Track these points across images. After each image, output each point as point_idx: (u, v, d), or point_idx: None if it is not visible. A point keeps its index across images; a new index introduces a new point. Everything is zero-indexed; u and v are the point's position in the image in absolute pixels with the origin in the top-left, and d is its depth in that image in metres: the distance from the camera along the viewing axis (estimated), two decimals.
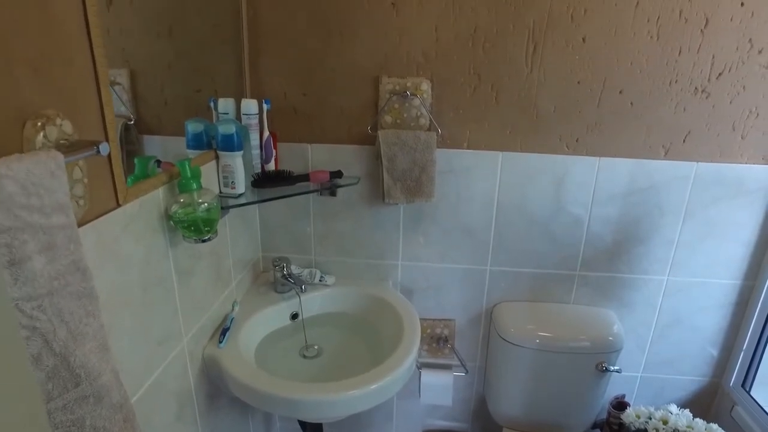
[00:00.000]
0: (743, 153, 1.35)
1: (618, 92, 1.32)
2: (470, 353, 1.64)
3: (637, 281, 1.50)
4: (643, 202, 1.42)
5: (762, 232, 1.42)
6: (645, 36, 1.28)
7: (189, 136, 1.14)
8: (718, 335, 1.56)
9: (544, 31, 1.28)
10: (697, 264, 1.47)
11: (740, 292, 1.49)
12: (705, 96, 1.31)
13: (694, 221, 1.43)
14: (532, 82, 1.32)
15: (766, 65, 1.27)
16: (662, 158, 1.37)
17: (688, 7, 1.25)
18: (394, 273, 1.53)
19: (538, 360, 1.44)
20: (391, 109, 1.34)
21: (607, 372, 1.44)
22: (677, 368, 1.62)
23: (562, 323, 1.47)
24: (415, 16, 1.28)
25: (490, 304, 1.56)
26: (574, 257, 1.49)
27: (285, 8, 1.29)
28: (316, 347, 1.36)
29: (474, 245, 1.49)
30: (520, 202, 1.43)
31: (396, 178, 1.35)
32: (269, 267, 1.49)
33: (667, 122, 1.34)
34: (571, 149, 1.37)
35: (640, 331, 1.57)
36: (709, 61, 1.28)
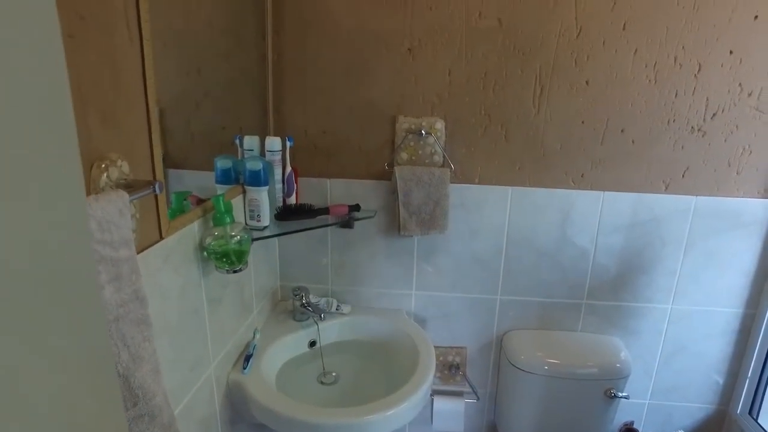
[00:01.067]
0: (739, 188, 1.43)
1: (620, 131, 1.41)
2: (481, 380, 1.68)
3: (642, 309, 1.56)
4: (645, 234, 1.49)
5: (760, 262, 1.48)
6: (643, 80, 1.37)
7: (218, 172, 1.22)
8: (723, 363, 1.60)
9: (550, 75, 1.37)
10: (699, 293, 1.53)
11: (742, 320, 1.55)
12: (701, 134, 1.40)
13: (695, 252, 1.49)
14: (540, 122, 1.41)
15: (755, 106, 1.36)
16: (663, 192, 1.45)
17: (682, 54, 1.34)
18: (407, 302, 1.59)
19: (547, 386, 1.48)
20: (407, 146, 1.43)
21: (615, 398, 1.48)
22: (684, 395, 1.66)
23: (570, 350, 1.52)
24: (430, 60, 1.38)
25: (500, 332, 1.61)
26: (581, 287, 1.55)
27: (307, 52, 1.39)
28: (333, 374, 1.41)
29: (484, 275, 1.55)
30: (529, 234, 1.50)
31: (411, 211, 1.42)
32: (287, 296, 1.55)
33: (666, 159, 1.42)
34: (576, 184, 1.45)
35: (647, 359, 1.62)
36: (704, 102, 1.37)
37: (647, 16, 1.32)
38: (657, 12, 1.32)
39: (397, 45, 1.38)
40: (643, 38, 1.34)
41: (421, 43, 1.37)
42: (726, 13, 1.31)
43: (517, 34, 1.35)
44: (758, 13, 1.30)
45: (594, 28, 1.34)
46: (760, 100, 1.36)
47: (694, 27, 1.32)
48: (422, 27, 1.36)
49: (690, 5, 1.31)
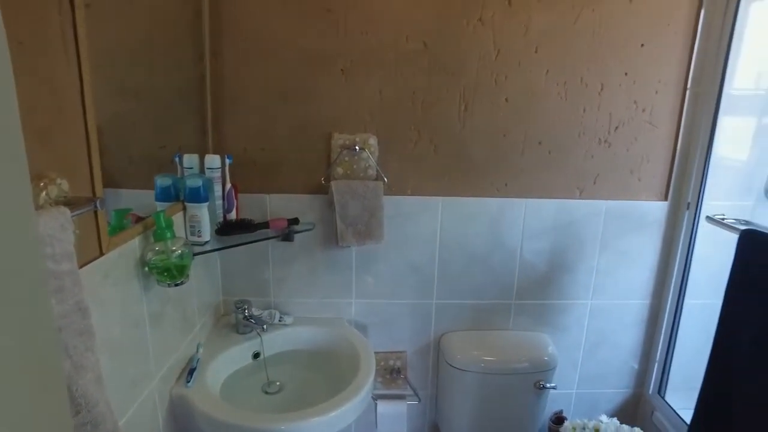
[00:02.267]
0: (641, 192, 1.61)
1: (538, 143, 1.55)
2: (422, 382, 1.76)
3: (566, 306, 1.70)
4: (565, 237, 1.63)
5: (661, 257, 1.67)
6: (556, 97, 1.52)
7: (158, 190, 1.24)
8: (637, 350, 1.77)
9: (472, 93, 1.50)
10: (614, 288, 1.69)
11: (650, 310, 1.72)
12: (607, 145, 1.56)
13: (609, 251, 1.65)
14: (465, 136, 1.53)
15: (649, 121, 1.54)
16: (578, 198, 1.60)
17: (587, 75, 1.51)
18: (348, 310, 1.65)
19: (483, 383, 1.58)
20: (342, 161, 1.50)
21: (544, 389, 1.60)
22: (606, 382, 1.81)
23: (503, 348, 1.63)
24: (362, 80, 1.47)
25: (437, 334, 1.70)
26: (510, 288, 1.67)
27: (246, 73, 1.44)
28: (278, 383, 1.44)
29: (420, 281, 1.64)
30: (460, 240, 1.61)
31: (348, 223, 1.49)
32: (230, 310, 1.57)
33: (579, 167, 1.58)
34: (501, 192, 1.58)
35: (572, 351, 1.76)
36: (608, 117, 1.54)
37: (555, 41, 1.48)
38: (563, 38, 1.48)
39: (332, 66, 1.46)
40: (554, 60, 1.49)
41: (354, 64, 1.46)
42: (619, 41, 1.49)
43: (442, 56, 1.47)
44: (644, 42, 1.49)
45: (510, 51, 1.48)
46: (652, 115, 1.54)
47: (594, 52, 1.49)
48: (355, 49, 1.45)
49: (589, 33, 1.47)
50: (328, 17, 1.43)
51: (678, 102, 1.55)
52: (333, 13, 1.43)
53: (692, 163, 1.57)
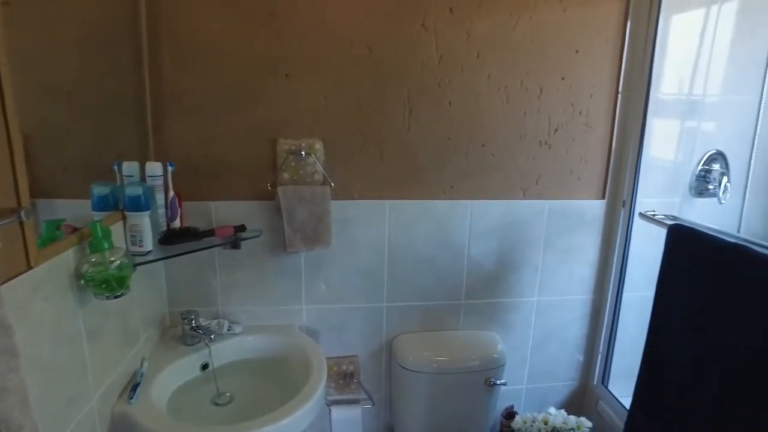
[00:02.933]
0: (581, 191, 1.68)
1: (481, 146, 1.59)
2: (375, 385, 1.76)
3: (514, 304, 1.75)
4: (511, 236, 1.68)
5: (601, 253, 1.74)
6: (498, 100, 1.56)
7: (95, 199, 1.19)
8: (582, 343, 1.84)
9: (417, 97, 1.52)
10: (559, 284, 1.75)
11: (592, 304, 1.80)
12: (548, 147, 1.62)
13: (552, 249, 1.71)
14: (411, 140, 1.55)
15: (585, 123, 1.61)
16: (522, 198, 1.65)
17: (527, 79, 1.56)
18: (299, 317, 1.63)
19: (435, 383, 1.60)
20: (288, 167, 1.49)
21: (495, 386, 1.63)
22: (554, 376, 1.87)
23: (453, 347, 1.66)
24: (307, 85, 1.46)
25: (389, 337, 1.71)
26: (459, 288, 1.70)
27: (188, 79, 1.41)
28: (228, 394, 1.41)
29: (370, 285, 1.64)
30: (408, 243, 1.63)
31: (296, 229, 1.48)
32: (177, 322, 1.52)
33: (522, 169, 1.63)
34: (447, 195, 1.61)
35: (521, 348, 1.81)
36: (547, 120, 1.60)
37: (496, 47, 1.52)
38: (503, 43, 1.52)
39: (276, 71, 1.45)
40: (494, 65, 1.54)
41: (298, 69, 1.45)
42: (555, 48, 1.55)
43: (386, 61, 1.48)
44: (578, 48, 1.56)
45: (453, 56, 1.51)
46: (588, 117, 1.62)
47: (533, 57, 1.54)
48: (300, 54, 1.44)
49: (528, 39, 1.53)
50: (272, 22, 1.42)
51: (611, 105, 1.63)
52: (277, 17, 1.42)
53: (626, 162, 1.66)
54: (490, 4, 1.49)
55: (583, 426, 1.64)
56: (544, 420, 1.66)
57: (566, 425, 1.64)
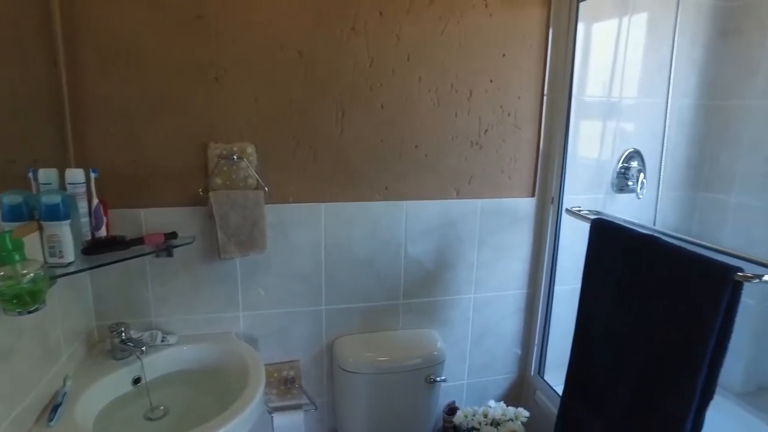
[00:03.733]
0: (512, 190, 1.74)
1: (414, 147, 1.62)
2: (317, 390, 1.75)
3: (451, 301, 1.79)
4: (446, 235, 1.71)
5: (533, 249, 1.81)
6: (429, 102, 1.60)
7: (5, 209, 1.12)
8: (518, 336, 1.91)
9: (349, 100, 1.53)
10: (494, 280, 1.81)
11: (527, 299, 1.86)
12: (479, 147, 1.67)
13: (487, 246, 1.76)
14: (344, 142, 1.55)
15: (514, 123, 1.68)
16: (455, 198, 1.69)
17: (457, 81, 1.60)
18: (236, 324, 1.60)
19: (376, 383, 1.61)
20: (220, 171, 1.46)
21: (435, 383, 1.66)
22: (493, 370, 1.92)
23: (393, 347, 1.67)
24: (237, 88, 1.44)
25: (329, 340, 1.71)
26: (397, 288, 1.72)
27: (110, 82, 1.35)
28: (162, 408, 1.36)
29: (308, 288, 1.64)
30: (345, 245, 1.63)
31: (229, 234, 1.45)
32: (105, 336, 1.46)
33: (455, 169, 1.67)
34: (382, 196, 1.63)
35: (460, 344, 1.85)
36: (477, 121, 1.65)
37: (426, 51, 1.56)
38: (432, 47, 1.56)
39: (205, 74, 1.42)
40: (425, 68, 1.57)
41: (228, 72, 1.43)
42: (483, 51, 1.60)
43: (317, 64, 1.49)
44: (505, 52, 1.62)
45: (383, 59, 1.53)
46: (517, 119, 1.68)
47: (462, 60, 1.59)
48: (228, 57, 1.42)
49: (456, 43, 1.57)
50: (199, 24, 1.39)
51: (537, 106, 1.70)
52: (204, 19, 1.39)
53: (553, 161, 1.73)
54: (418, 8, 1.52)
55: (520, 416, 1.70)
56: (483, 413, 1.71)
57: (505, 416, 1.70)
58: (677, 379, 1.13)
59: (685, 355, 1.12)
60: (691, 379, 1.09)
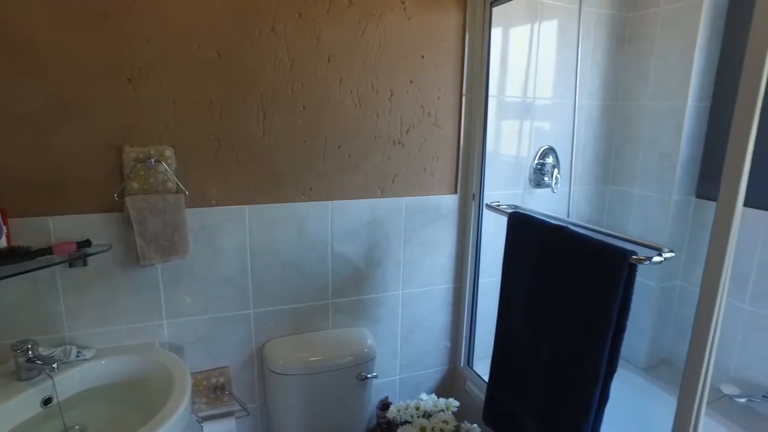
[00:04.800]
0: (434, 187, 1.80)
1: (337, 147, 1.64)
2: (249, 395, 1.73)
3: (380, 299, 1.82)
4: (372, 234, 1.75)
5: (458, 244, 1.88)
6: (351, 103, 1.62)
7: None
8: (447, 330, 1.97)
9: (270, 101, 1.52)
10: (421, 276, 1.86)
11: (453, 293, 1.93)
12: (401, 146, 1.72)
13: (412, 243, 1.81)
14: (266, 144, 1.55)
15: (434, 123, 1.74)
16: (380, 197, 1.73)
17: (377, 82, 1.64)
18: (160, 333, 1.55)
19: (309, 383, 1.61)
20: (137, 175, 1.41)
21: (366, 379, 1.68)
22: (425, 364, 1.98)
23: (324, 346, 1.68)
24: (153, 89, 1.39)
25: (259, 343, 1.69)
26: (325, 288, 1.73)
27: (8, 84, 1.27)
28: (77, 427, 1.30)
29: (235, 292, 1.61)
30: (271, 247, 1.62)
31: (149, 240, 1.41)
32: (8, 356, 1.36)
33: (378, 168, 1.70)
34: (307, 197, 1.63)
35: (391, 341, 1.88)
36: (399, 121, 1.69)
37: (346, 52, 1.58)
38: (352, 49, 1.58)
39: (116, 74, 1.36)
40: (345, 69, 1.59)
41: (141, 72, 1.38)
42: (402, 53, 1.65)
43: (237, 65, 1.47)
44: (424, 54, 1.68)
45: (304, 60, 1.54)
46: (437, 118, 1.74)
47: (382, 62, 1.63)
48: (141, 57, 1.37)
49: (376, 45, 1.61)
50: (106, 22, 1.33)
51: (457, 106, 1.77)
52: (111, 17, 1.33)
53: (473, 159, 1.81)
54: (337, 10, 1.55)
55: (451, 406, 1.75)
56: (416, 406, 1.75)
57: (436, 407, 1.75)
58: (585, 355, 1.22)
59: (591, 333, 1.20)
60: (597, 354, 1.18)
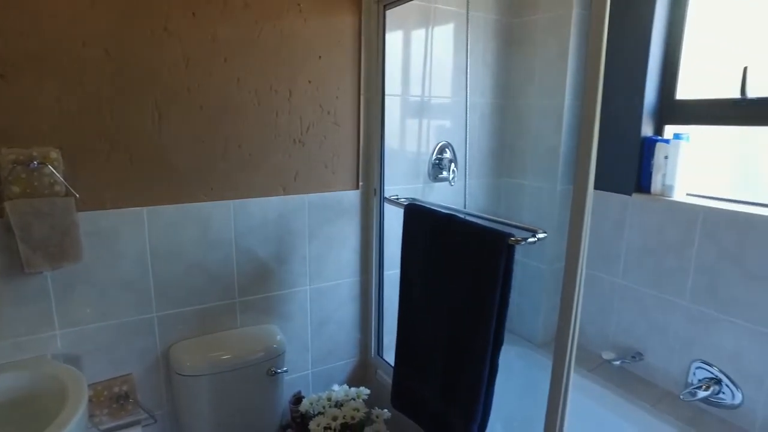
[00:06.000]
0: (336, 184, 1.86)
1: (238, 146, 1.65)
2: (157, 401, 1.69)
3: (288, 295, 1.85)
4: (277, 231, 1.77)
5: (362, 238, 1.96)
6: (249, 103, 1.64)
7: None
8: (357, 322, 2.04)
9: (166, 102, 1.51)
10: (328, 271, 1.91)
11: (360, 285, 2.01)
12: (302, 145, 1.76)
13: (317, 239, 1.86)
14: (164, 144, 1.53)
15: (334, 121, 1.80)
16: (283, 194, 1.76)
17: (276, 83, 1.67)
18: (52, 344, 1.48)
19: (218, 383, 1.61)
20: (17, 179, 1.34)
21: (277, 374, 1.71)
22: (336, 356, 2.03)
23: (232, 345, 1.68)
24: (32, 88, 1.33)
25: (165, 347, 1.66)
26: (231, 287, 1.73)
27: None
28: None
29: (136, 297, 1.57)
30: (174, 248, 1.60)
31: (34, 246, 1.34)
32: None
33: (280, 166, 1.74)
34: (208, 197, 1.63)
35: (301, 336, 1.92)
36: (298, 120, 1.73)
37: (243, 53, 1.60)
38: (250, 49, 1.61)
39: None
40: (243, 70, 1.61)
41: (17, 69, 1.31)
42: (300, 54, 1.69)
43: (128, 64, 1.44)
44: (321, 54, 1.74)
45: (200, 60, 1.54)
46: (336, 117, 1.80)
47: (280, 62, 1.66)
48: (15, 53, 1.30)
49: (273, 46, 1.64)
50: None
51: (355, 105, 1.84)
52: None
53: (373, 155, 1.89)
54: (232, 11, 1.56)
55: (362, 394, 1.82)
56: (327, 397, 1.80)
57: (348, 397, 1.81)
58: (475, 332, 1.33)
59: (479, 310, 1.32)
60: (485, 330, 1.30)
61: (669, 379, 1.83)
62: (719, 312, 1.66)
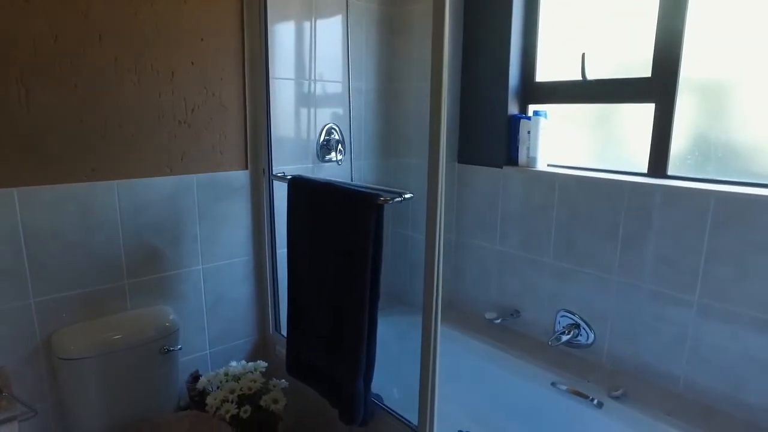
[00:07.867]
0: (225, 164, 1.89)
1: (119, 126, 1.63)
2: (37, 393, 1.61)
3: (180, 275, 1.86)
4: (164, 211, 1.77)
5: (252, 218, 2.01)
6: (129, 83, 1.63)
7: None
8: (253, 299, 2.09)
9: (34, 78, 1.45)
10: (220, 250, 1.94)
11: (254, 264, 2.06)
12: (187, 126, 1.77)
13: (207, 219, 1.88)
14: (34, 124, 1.48)
15: (220, 103, 1.84)
16: (169, 175, 1.76)
17: (157, 63, 1.67)
18: None
19: (107, 366, 1.58)
20: None
21: (170, 352, 1.71)
22: (235, 335, 2.07)
23: (122, 326, 1.66)
24: None
25: (46, 335, 1.59)
26: (119, 269, 1.71)
27: None
28: None
29: (9, 283, 1.50)
30: (53, 229, 1.55)
31: None
32: None
33: (165, 147, 1.74)
34: (89, 178, 1.59)
35: (197, 316, 1.93)
36: (183, 101, 1.75)
37: (120, 31, 1.58)
38: (127, 28, 1.60)
39: None
40: (121, 49, 1.60)
41: None
42: (180, 35, 1.71)
43: None
44: (203, 37, 1.76)
45: (70, 36, 1.50)
46: (222, 98, 1.84)
47: (160, 42, 1.67)
48: None
49: (152, 25, 1.64)
50: None
51: (241, 88, 1.89)
52: None
53: (261, 137, 1.95)
54: None
55: (259, 367, 1.87)
56: (225, 372, 1.84)
57: (245, 371, 1.86)
58: (352, 289, 1.45)
59: (354, 269, 1.44)
60: (361, 285, 1.42)
61: (541, 329, 2.09)
62: (576, 265, 1.92)
